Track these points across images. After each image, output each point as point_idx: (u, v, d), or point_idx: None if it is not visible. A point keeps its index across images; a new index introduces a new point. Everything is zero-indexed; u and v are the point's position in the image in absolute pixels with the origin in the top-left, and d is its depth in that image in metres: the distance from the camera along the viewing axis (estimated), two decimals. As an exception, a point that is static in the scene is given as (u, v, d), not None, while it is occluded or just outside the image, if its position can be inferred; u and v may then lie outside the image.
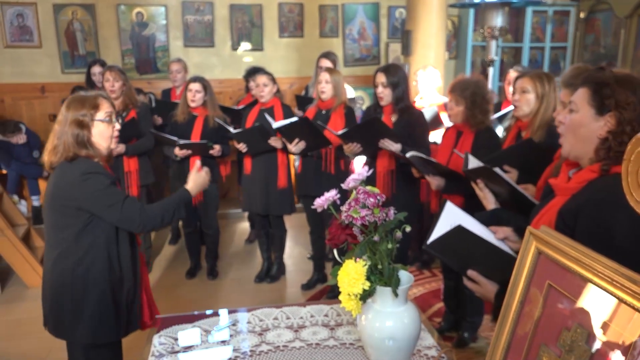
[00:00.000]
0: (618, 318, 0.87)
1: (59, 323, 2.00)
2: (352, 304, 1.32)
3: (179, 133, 3.86)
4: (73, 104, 1.96)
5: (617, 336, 0.86)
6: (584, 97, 1.34)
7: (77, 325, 1.97)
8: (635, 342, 0.82)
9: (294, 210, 4.00)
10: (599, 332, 0.90)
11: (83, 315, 1.96)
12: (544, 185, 1.93)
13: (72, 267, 1.94)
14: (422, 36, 4.56)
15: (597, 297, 0.91)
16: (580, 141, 1.34)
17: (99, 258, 1.96)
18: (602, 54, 6.19)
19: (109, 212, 1.94)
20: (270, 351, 1.63)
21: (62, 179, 1.93)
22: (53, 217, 1.98)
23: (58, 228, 1.97)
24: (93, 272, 1.96)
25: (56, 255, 1.97)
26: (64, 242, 1.95)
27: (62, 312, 1.98)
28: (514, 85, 2.53)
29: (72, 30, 5.56)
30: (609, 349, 0.87)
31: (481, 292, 1.42)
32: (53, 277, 1.98)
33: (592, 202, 1.26)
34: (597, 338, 0.90)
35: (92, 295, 1.96)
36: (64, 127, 1.93)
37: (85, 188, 1.90)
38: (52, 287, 1.99)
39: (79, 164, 1.93)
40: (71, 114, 1.94)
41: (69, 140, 1.92)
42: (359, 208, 1.29)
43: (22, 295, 3.96)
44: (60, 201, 1.93)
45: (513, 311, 1.08)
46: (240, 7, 5.91)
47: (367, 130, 3.05)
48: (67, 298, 1.96)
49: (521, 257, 1.09)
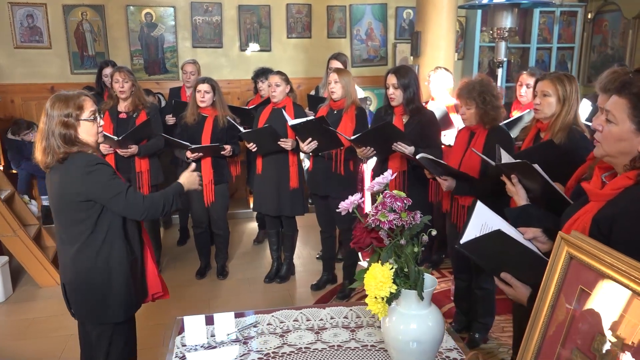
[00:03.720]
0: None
1: (91, 310, 2.09)
2: (379, 307, 1.33)
3: (189, 134, 3.88)
4: (57, 103, 1.99)
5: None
6: (623, 109, 1.29)
7: (107, 307, 2.07)
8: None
9: (306, 211, 4.01)
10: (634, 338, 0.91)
11: (111, 297, 2.07)
12: (573, 185, 1.93)
13: (94, 257, 2.03)
14: (431, 37, 4.57)
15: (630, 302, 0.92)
16: (618, 152, 1.32)
17: (116, 242, 2.06)
18: (609, 55, 6.19)
19: (114, 201, 2.02)
20: (292, 353, 1.65)
21: (66, 176, 1.98)
22: (66, 214, 2.04)
23: (73, 224, 2.04)
24: (114, 256, 2.05)
25: (75, 250, 2.03)
26: (82, 235, 2.03)
27: (92, 300, 2.07)
28: (534, 89, 2.50)
29: (81, 31, 5.58)
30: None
31: (514, 295, 1.42)
32: (76, 271, 2.05)
33: (629, 212, 1.24)
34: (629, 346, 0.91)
35: (116, 278, 2.07)
36: (51, 126, 1.96)
37: (92, 179, 1.97)
38: (77, 281, 2.06)
39: (79, 159, 1.98)
40: (56, 113, 1.97)
41: (57, 140, 1.96)
42: (387, 212, 1.30)
43: (34, 294, 3.99)
44: (69, 197, 1.99)
45: (544, 315, 1.09)
46: (249, 7, 5.92)
47: (379, 135, 3.06)
48: (95, 286, 2.05)
49: (552, 261, 1.10)
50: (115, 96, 3.86)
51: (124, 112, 3.88)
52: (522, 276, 1.42)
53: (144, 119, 3.80)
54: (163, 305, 2.28)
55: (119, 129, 3.80)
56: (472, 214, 1.52)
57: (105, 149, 3.69)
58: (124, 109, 3.88)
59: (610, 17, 6.15)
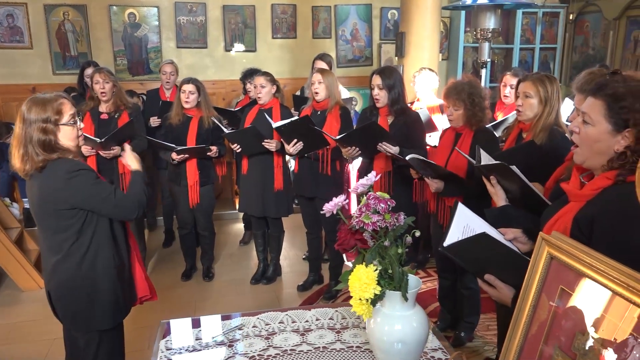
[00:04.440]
0: (632, 322, 0.89)
1: (77, 318, 2.04)
2: (364, 309, 1.33)
3: (175, 135, 3.85)
4: (34, 107, 1.90)
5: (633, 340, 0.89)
6: (599, 110, 1.31)
7: (94, 314, 2.02)
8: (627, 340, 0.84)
9: (290, 212, 4.01)
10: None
11: (98, 304, 2.02)
12: (552, 186, 1.96)
13: (79, 265, 1.97)
14: (415, 38, 4.59)
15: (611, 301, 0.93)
16: (596, 154, 1.34)
17: (102, 248, 2.00)
18: (590, 55, 6.28)
19: (103, 205, 1.95)
20: (278, 355, 1.65)
21: (47, 184, 1.90)
22: (48, 222, 1.97)
23: (56, 232, 1.97)
24: (99, 263, 2.00)
25: (59, 258, 1.97)
26: (65, 243, 1.96)
27: (78, 307, 2.02)
28: (516, 90, 2.52)
29: (63, 31, 5.51)
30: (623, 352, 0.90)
31: (497, 296, 1.43)
32: (60, 278, 2.00)
33: (609, 212, 1.26)
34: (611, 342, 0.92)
35: (102, 285, 2.02)
36: (28, 132, 1.88)
37: (74, 187, 1.90)
38: (61, 289, 2.01)
39: (59, 166, 1.91)
40: (33, 117, 1.88)
41: (36, 147, 1.88)
42: (371, 214, 1.30)
43: (16, 298, 3.93)
44: (51, 206, 1.92)
45: (525, 315, 1.10)
46: (233, 8, 5.90)
47: (364, 135, 3.07)
48: (81, 294, 2.00)
49: (533, 262, 1.11)
50: (97, 97, 3.81)
51: (106, 112, 3.83)
52: (506, 277, 1.43)
53: (127, 120, 3.75)
54: (148, 307, 2.26)
55: (100, 130, 3.74)
56: (453, 216, 1.53)
57: (87, 150, 3.64)
58: (106, 110, 3.83)
59: (591, 18, 6.23)
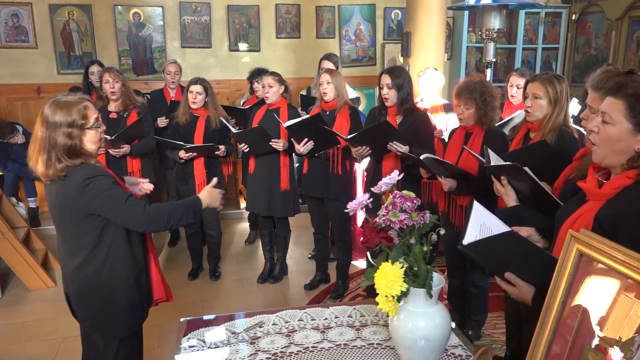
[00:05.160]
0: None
1: (96, 323, 2.04)
2: (390, 305, 1.35)
3: (182, 134, 3.86)
4: (59, 110, 1.86)
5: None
6: (619, 110, 1.33)
7: (113, 321, 2.01)
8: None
9: (297, 212, 4.02)
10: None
11: (118, 311, 2.00)
12: (561, 185, 1.97)
13: (97, 271, 1.95)
14: (421, 38, 4.60)
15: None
16: (616, 153, 1.35)
17: (121, 255, 1.98)
18: (593, 56, 6.31)
19: (112, 212, 1.91)
20: (300, 352, 1.66)
21: (67, 190, 1.89)
22: (67, 227, 1.96)
23: (76, 237, 1.95)
24: (118, 270, 1.98)
25: (79, 262, 1.95)
26: (85, 249, 1.94)
27: (98, 313, 2.01)
28: (524, 90, 2.52)
29: (68, 30, 5.51)
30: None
31: (518, 294, 1.43)
32: (79, 284, 1.99)
33: (632, 211, 1.27)
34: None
35: (122, 291, 2.00)
36: (53, 136, 1.84)
37: (89, 192, 1.87)
38: (80, 292, 2.00)
39: (80, 171, 1.89)
40: (59, 121, 1.84)
41: (60, 153, 1.85)
42: (398, 212, 1.32)
43: (24, 298, 3.93)
44: (70, 211, 1.91)
45: (555, 311, 1.12)
46: (238, 8, 5.91)
47: (376, 134, 3.08)
48: (100, 299, 1.98)
49: (562, 259, 1.13)
50: (105, 96, 3.82)
51: (115, 111, 3.85)
52: (527, 276, 1.43)
53: (135, 119, 3.78)
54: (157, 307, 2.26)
55: (109, 129, 3.74)
56: (469, 214, 1.54)
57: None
58: (115, 109, 3.85)
59: (593, 19, 6.26)
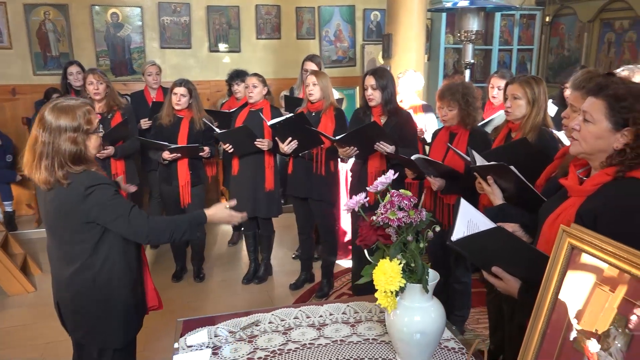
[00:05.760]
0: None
1: (90, 333, 1.98)
2: (389, 301, 1.39)
3: (165, 135, 3.85)
4: (63, 115, 1.80)
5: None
6: (600, 110, 1.39)
7: (108, 331, 1.97)
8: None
9: (280, 212, 4.04)
10: (635, 317, 1.01)
11: (112, 321, 1.96)
12: (543, 183, 2.05)
13: (93, 278, 1.91)
14: (402, 39, 4.68)
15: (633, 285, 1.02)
16: (595, 150, 1.42)
17: (117, 264, 1.95)
18: (565, 57, 6.50)
19: (116, 223, 1.88)
20: (298, 349, 1.69)
21: (66, 197, 1.84)
22: (63, 233, 1.91)
23: (71, 243, 1.91)
24: (114, 278, 1.94)
25: (74, 269, 1.91)
26: (80, 256, 1.90)
27: (92, 322, 1.96)
28: (504, 92, 2.62)
29: (44, 30, 5.41)
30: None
31: (504, 288, 1.49)
32: (72, 293, 1.95)
33: (612, 208, 1.34)
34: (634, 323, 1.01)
35: (116, 300, 1.96)
36: (56, 142, 1.79)
37: (91, 201, 1.83)
38: (74, 300, 1.95)
39: (81, 179, 1.84)
40: (63, 126, 1.79)
41: (64, 159, 1.80)
42: (396, 210, 1.36)
43: (3, 303, 3.86)
44: (68, 218, 1.86)
45: (548, 302, 1.18)
46: (218, 8, 5.89)
47: (364, 134, 3.13)
48: (94, 307, 1.94)
49: (554, 253, 1.19)
50: (89, 98, 3.78)
51: (99, 113, 3.81)
52: (513, 270, 1.50)
53: (120, 120, 3.75)
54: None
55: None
56: (457, 212, 1.60)
57: None
58: (98, 110, 3.80)
59: (566, 21, 6.45)
